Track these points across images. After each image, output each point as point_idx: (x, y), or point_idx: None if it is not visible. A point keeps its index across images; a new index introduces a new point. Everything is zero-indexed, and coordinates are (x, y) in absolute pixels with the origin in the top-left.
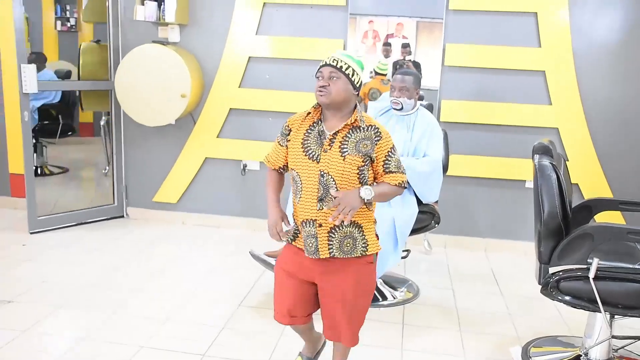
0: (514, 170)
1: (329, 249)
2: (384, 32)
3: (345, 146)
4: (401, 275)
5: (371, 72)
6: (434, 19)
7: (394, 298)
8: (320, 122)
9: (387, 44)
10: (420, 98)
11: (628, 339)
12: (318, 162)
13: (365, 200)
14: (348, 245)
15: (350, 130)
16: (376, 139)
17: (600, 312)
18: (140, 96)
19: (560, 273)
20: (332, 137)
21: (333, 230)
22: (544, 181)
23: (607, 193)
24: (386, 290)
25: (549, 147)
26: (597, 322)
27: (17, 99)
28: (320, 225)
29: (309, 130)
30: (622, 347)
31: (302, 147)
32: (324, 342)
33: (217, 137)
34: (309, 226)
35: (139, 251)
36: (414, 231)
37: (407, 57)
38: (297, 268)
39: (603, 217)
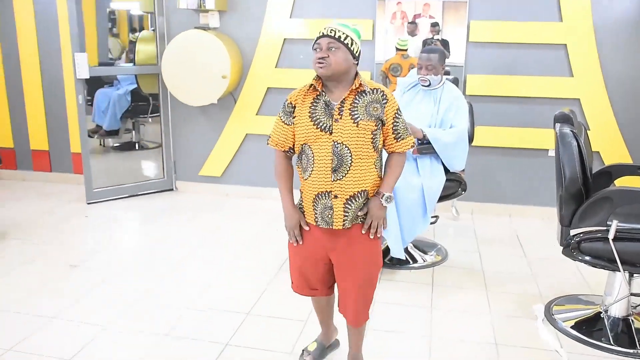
0: (536, 140)
1: (343, 221)
2: (411, 12)
3: (356, 112)
4: (431, 240)
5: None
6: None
7: (424, 261)
8: (324, 93)
9: (412, 23)
10: (447, 73)
11: None
12: (331, 133)
13: (387, 207)
14: (360, 213)
15: (357, 96)
16: (384, 101)
17: (619, 271)
18: (184, 78)
19: (581, 235)
20: (340, 105)
21: (349, 201)
22: (565, 148)
23: (627, 159)
24: (417, 253)
25: (570, 116)
26: (616, 281)
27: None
28: (336, 197)
29: (314, 103)
30: None
31: (311, 120)
32: (336, 342)
33: (257, 114)
34: (324, 198)
35: (187, 220)
36: (442, 198)
37: (436, 36)
38: (309, 244)
39: (623, 182)
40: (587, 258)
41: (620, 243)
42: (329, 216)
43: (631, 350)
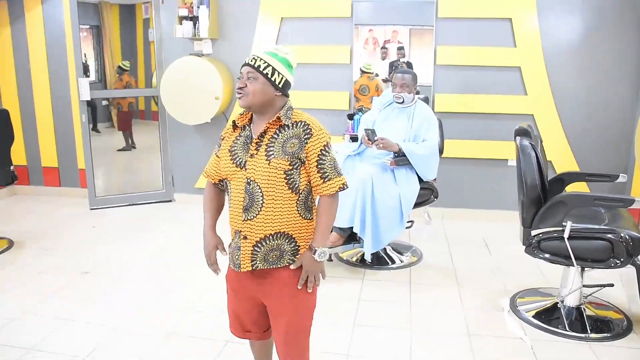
0: (497, 151)
1: (251, 262)
2: (382, 38)
3: (272, 148)
4: (407, 243)
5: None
6: (425, 26)
7: (401, 262)
8: (248, 126)
9: (384, 48)
10: (417, 92)
11: (595, 287)
12: (245, 169)
13: (322, 261)
14: (274, 256)
15: (278, 130)
16: (305, 136)
17: (573, 265)
18: (181, 100)
19: (541, 235)
20: (258, 140)
21: (259, 244)
22: (525, 158)
23: (574, 167)
24: (394, 255)
25: (528, 130)
26: (570, 275)
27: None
28: (245, 238)
29: (238, 137)
30: (591, 294)
31: (229, 154)
32: None
33: None
34: (236, 238)
35: (186, 229)
36: (417, 205)
37: (402, 59)
38: (238, 284)
39: (573, 188)
40: (547, 255)
41: (574, 241)
42: (237, 257)
43: (583, 335)
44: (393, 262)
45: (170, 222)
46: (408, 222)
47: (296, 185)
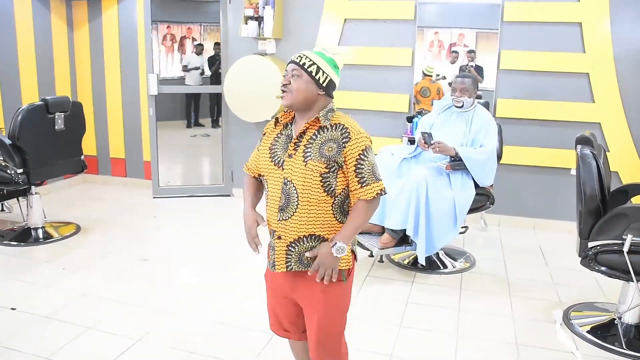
0: (560, 160)
1: (286, 263)
2: (447, 41)
3: (309, 149)
4: (460, 248)
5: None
6: (491, 30)
7: (454, 267)
8: (290, 125)
9: (454, 52)
10: (478, 97)
11: None
12: (283, 169)
13: (338, 257)
14: (308, 258)
15: (317, 132)
16: (344, 140)
17: (633, 281)
18: (243, 98)
19: (598, 247)
20: (296, 140)
21: (293, 245)
22: (585, 167)
23: None
24: (447, 260)
25: (590, 138)
26: (629, 290)
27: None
28: (280, 238)
29: (279, 135)
30: None
31: (269, 152)
32: None
33: None
34: (272, 237)
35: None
36: (472, 210)
37: (470, 63)
38: (275, 283)
39: (638, 200)
40: (603, 269)
41: (634, 255)
42: (272, 257)
43: None
44: (445, 267)
45: (227, 215)
46: (462, 227)
47: (332, 189)
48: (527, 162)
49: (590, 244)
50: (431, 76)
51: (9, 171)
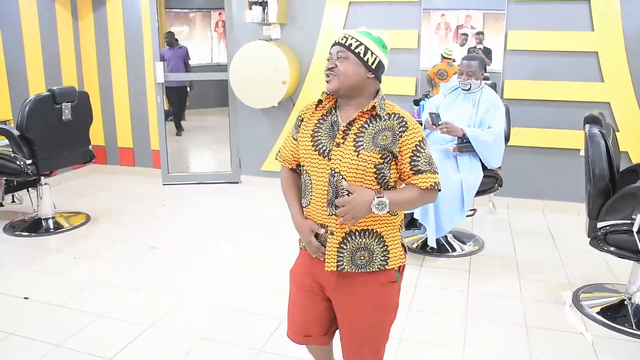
0: (568, 140)
1: (337, 262)
2: (454, 23)
3: (361, 139)
4: (469, 231)
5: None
6: (498, 10)
7: (462, 250)
8: (334, 110)
9: (464, 34)
10: (486, 78)
11: None
12: (329, 159)
13: (370, 212)
14: (362, 258)
15: (368, 120)
16: (400, 129)
17: None
18: (249, 84)
19: (608, 227)
20: (345, 128)
21: (345, 241)
22: (594, 147)
23: None
24: (456, 243)
25: (599, 118)
26: (639, 271)
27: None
28: (332, 233)
29: (321, 121)
30: None
31: (311, 141)
32: None
33: None
34: (322, 233)
35: (250, 211)
36: (480, 193)
37: (478, 45)
38: (311, 277)
39: None
40: (613, 249)
41: None
42: (316, 254)
43: None
44: (454, 249)
45: (236, 202)
46: (470, 210)
47: (385, 180)
48: (536, 144)
49: (600, 225)
50: (450, 59)
51: (18, 162)
